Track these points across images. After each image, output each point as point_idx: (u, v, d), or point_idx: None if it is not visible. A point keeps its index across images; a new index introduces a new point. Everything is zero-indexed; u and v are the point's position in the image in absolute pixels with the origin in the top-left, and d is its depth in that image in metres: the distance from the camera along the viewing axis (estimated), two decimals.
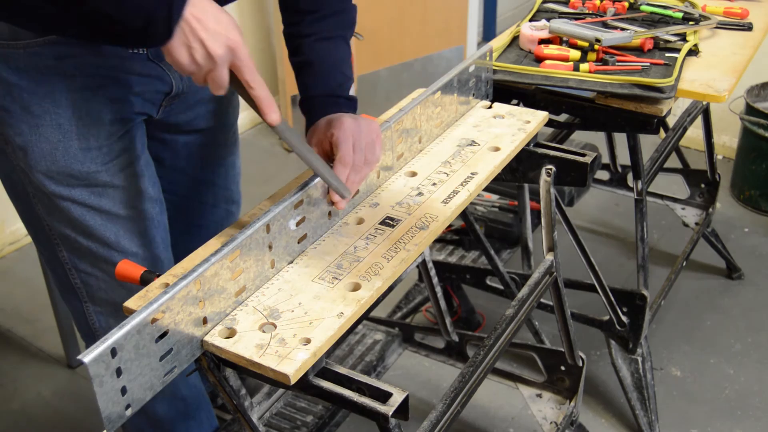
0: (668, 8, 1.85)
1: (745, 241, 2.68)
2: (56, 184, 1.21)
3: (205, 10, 0.94)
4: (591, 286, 1.79)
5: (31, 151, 1.18)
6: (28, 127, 1.16)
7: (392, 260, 1.06)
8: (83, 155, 1.20)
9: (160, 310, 0.87)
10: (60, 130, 1.17)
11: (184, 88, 1.29)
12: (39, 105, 1.15)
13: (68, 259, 1.30)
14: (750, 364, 2.17)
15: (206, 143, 1.46)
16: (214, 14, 0.95)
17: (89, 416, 2.05)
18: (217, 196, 1.54)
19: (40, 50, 1.12)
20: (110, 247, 1.28)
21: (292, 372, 0.89)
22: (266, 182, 3.02)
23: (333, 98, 1.23)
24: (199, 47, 0.94)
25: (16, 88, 1.14)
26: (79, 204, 1.23)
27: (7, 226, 2.72)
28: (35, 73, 1.13)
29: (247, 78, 0.98)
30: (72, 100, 1.17)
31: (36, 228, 1.32)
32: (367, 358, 1.84)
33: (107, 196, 1.25)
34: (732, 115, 2.79)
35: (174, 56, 0.95)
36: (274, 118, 1.02)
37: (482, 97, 1.52)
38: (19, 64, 1.12)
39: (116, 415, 0.85)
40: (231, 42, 0.95)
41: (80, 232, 1.26)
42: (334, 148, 1.11)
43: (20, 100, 1.15)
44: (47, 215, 1.26)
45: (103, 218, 1.26)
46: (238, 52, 0.96)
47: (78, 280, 1.33)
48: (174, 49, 0.94)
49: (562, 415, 1.63)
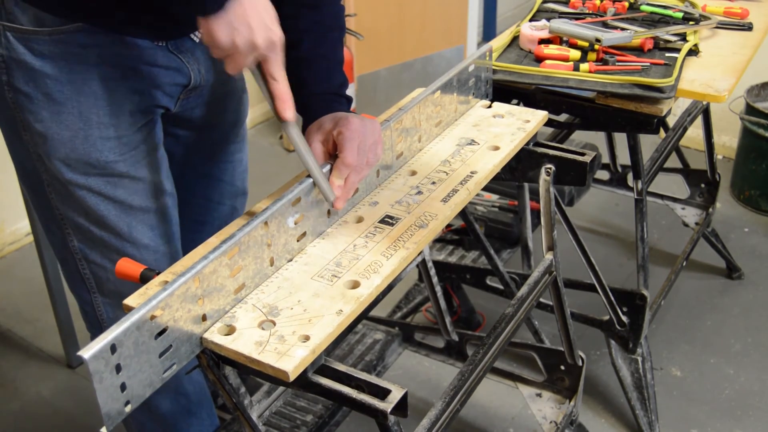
0: (668, 8, 1.85)
1: (745, 241, 2.68)
2: (73, 171, 1.21)
3: (262, 1, 0.99)
4: (591, 285, 1.79)
5: (50, 138, 1.18)
6: (49, 113, 1.17)
7: (391, 258, 1.07)
8: (102, 144, 1.21)
9: (159, 307, 0.87)
10: (81, 118, 1.18)
11: (201, 81, 1.31)
12: (61, 92, 1.16)
13: (79, 250, 1.31)
14: (750, 364, 2.17)
15: (217, 140, 1.46)
16: (264, 4, 0.99)
17: (89, 416, 2.05)
18: (223, 193, 1.54)
19: (66, 38, 1.13)
20: (122, 238, 1.28)
21: (291, 369, 0.89)
22: (266, 182, 3.01)
23: (335, 96, 1.23)
24: (244, 31, 0.97)
25: (40, 74, 1.14)
26: (94, 193, 1.24)
27: (7, 226, 2.72)
28: (60, 60, 1.14)
29: (272, 71, 1.03)
30: (95, 89, 1.18)
31: (48, 217, 1.32)
32: (366, 358, 1.84)
33: (123, 187, 1.25)
34: (732, 115, 2.79)
35: (214, 32, 0.98)
36: (289, 115, 1.06)
37: (482, 96, 1.52)
38: (43, 50, 1.13)
39: (116, 412, 0.85)
40: (273, 35, 1.00)
41: (94, 221, 1.26)
42: (339, 147, 1.12)
43: (43, 87, 1.15)
44: (61, 204, 1.26)
45: (117, 209, 1.26)
46: (276, 47, 1.01)
47: (87, 271, 1.33)
48: (217, 25, 0.97)
49: (561, 414, 1.63)
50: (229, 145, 1.50)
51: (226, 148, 1.50)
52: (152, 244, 1.31)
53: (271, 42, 1.00)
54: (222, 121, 1.45)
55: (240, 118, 1.49)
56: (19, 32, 1.12)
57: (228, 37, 0.98)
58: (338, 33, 1.28)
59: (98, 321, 1.39)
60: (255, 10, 0.98)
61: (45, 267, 2.08)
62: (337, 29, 1.28)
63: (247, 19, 0.97)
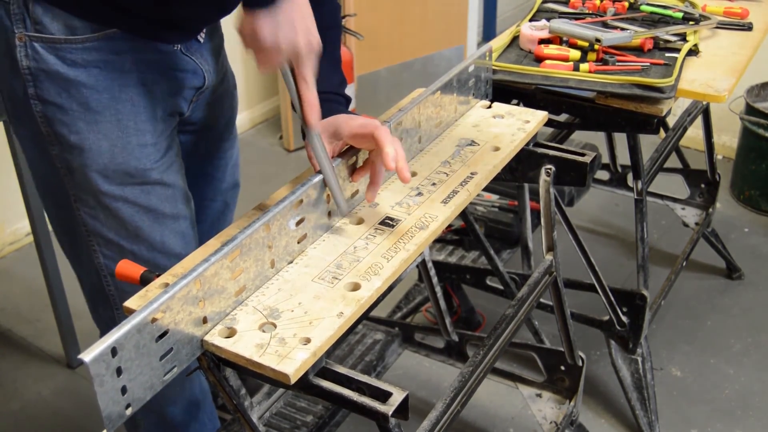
0: (668, 8, 1.85)
1: (745, 241, 2.68)
2: (110, 183, 1.19)
3: (307, 6, 1.01)
4: (591, 286, 1.79)
5: (88, 149, 1.17)
6: (86, 124, 1.15)
7: (392, 260, 1.07)
8: (140, 152, 1.20)
9: (160, 309, 0.87)
10: (119, 126, 1.17)
11: (210, 82, 1.31)
12: (98, 101, 1.14)
13: (105, 266, 1.28)
14: (750, 364, 2.17)
15: (213, 139, 1.46)
16: (308, 10, 1.01)
17: (89, 416, 2.05)
18: (215, 190, 1.54)
19: (99, 45, 1.12)
20: (154, 249, 1.27)
21: (292, 371, 0.89)
22: (266, 182, 3.02)
23: (335, 96, 1.23)
24: (288, 31, 0.98)
25: (74, 83, 1.12)
26: (130, 203, 1.22)
27: (7, 226, 2.72)
28: (94, 69, 1.13)
29: (306, 75, 1.03)
30: (131, 96, 1.17)
31: (72, 234, 1.29)
32: (367, 358, 1.84)
33: (156, 195, 1.24)
34: (732, 115, 2.79)
35: (259, 26, 0.98)
36: (314, 122, 1.06)
37: (482, 96, 1.52)
38: (76, 59, 1.11)
39: (116, 415, 0.85)
40: (314, 40, 1.01)
41: (126, 234, 1.24)
42: (377, 141, 1.09)
43: (78, 96, 1.13)
44: (91, 219, 1.24)
45: (151, 218, 1.25)
46: (314, 52, 1.02)
47: (113, 287, 1.31)
48: (264, 20, 0.98)
49: (561, 414, 1.63)
50: (223, 143, 1.50)
51: (221, 146, 1.50)
52: (184, 252, 1.29)
53: (311, 45, 1.01)
54: (218, 121, 1.44)
55: (233, 115, 1.49)
56: (49, 42, 1.10)
57: (272, 34, 0.98)
58: (335, 31, 1.28)
59: None
60: (301, 13, 0.99)
61: (45, 267, 2.08)
62: (334, 27, 1.28)
63: (293, 20, 0.98)
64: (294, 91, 1.05)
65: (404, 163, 1.09)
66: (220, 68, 1.35)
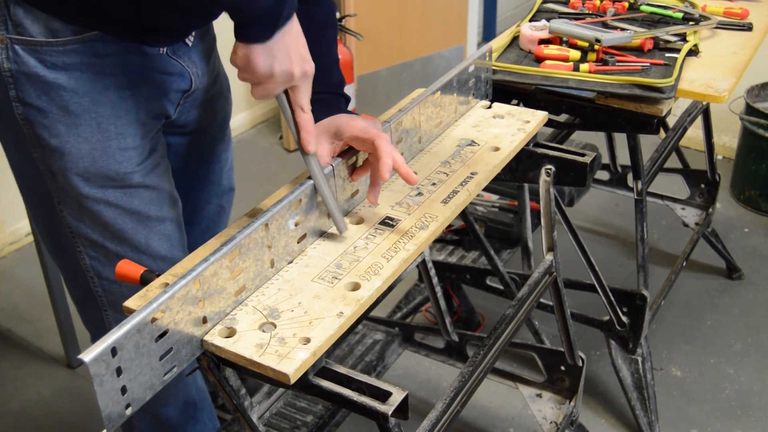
0: (668, 8, 1.85)
1: (745, 241, 2.68)
2: (91, 186, 1.19)
3: (300, 33, 1.02)
4: (591, 286, 1.79)
5: (68, 153, 1.16)
6: (66, 127, 1.14)
7: (392, 260, 1.07)
8: (121, 155, 1.19)
9: (159, 309, 0.87)
10: (99, 129, 1.16)
11: (199, 85, 1.30)
12: (78, 104, 1.14)
13: (91, 267, 1.28)
14: (750, 364, 2.17)
15: (207, 142, 1.46)
16: (301, 37, 1.02)
17: (89, 416, 2.05)
18: (210, 193, 1.54)
19: (80, 48, 1.11)
20: (139, 251, 1.26)
21: (291, 371, 0.89)
22: (266, 182, 3.02)
23: (335, 96, 1.23)
24: (284, 61, 0.99)
25: (54, 86, 1.12)
26: (112, 206, 1.22)
27: (7, 226, 2.72)
28: (74, 71, 1.12)
29: (301, 101, 1.04)
30: (112, 99, 1.16)
31: (57, 236, 1.29)
32: (366, 358, 1.84)
33: (139, 197, 1.24)
34: (732, 115, 2.79)
35: (254, 59, 0.99)
36: (311, 148, 1.07)
37: (482, 97, 1.52)
38: (56, 62, 1.11)
39: (116, 415, 0.85)
40: (308, 67, 1.02)
41: (110, 236, 1.24)
42: (376, 149, 1.10)
43: (58, 100, 1.13)
44: (74, 221, 1.24)
45: (134, 221, 1.25)
46: (308, 78, 1.03)
47: (100, 288, 1.31)
48: (258, 53, 0.98)
49: (562, 415, 1.63)
50: (218, 146, 1.50)
51: (215, 148, 1.49)
52: (169, 255, 1.30)
53: (305, 73, 1.02)
54: (212, 123, 1.44)
55: (227, 117, 1.49)
56: (30, 44, 1.09)
57: (267, 66, 0.99)
58: (332, 30, 1.28)
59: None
60: (294, 41, 1.00)
61: (45, 267, 2.08)
62: (331, 26, 1.28)
63: (287, 49, 0.99)
64: (290, 117, 1.06)
65: (406, 169, 1.11)
66: (211, 70, 1.35)
